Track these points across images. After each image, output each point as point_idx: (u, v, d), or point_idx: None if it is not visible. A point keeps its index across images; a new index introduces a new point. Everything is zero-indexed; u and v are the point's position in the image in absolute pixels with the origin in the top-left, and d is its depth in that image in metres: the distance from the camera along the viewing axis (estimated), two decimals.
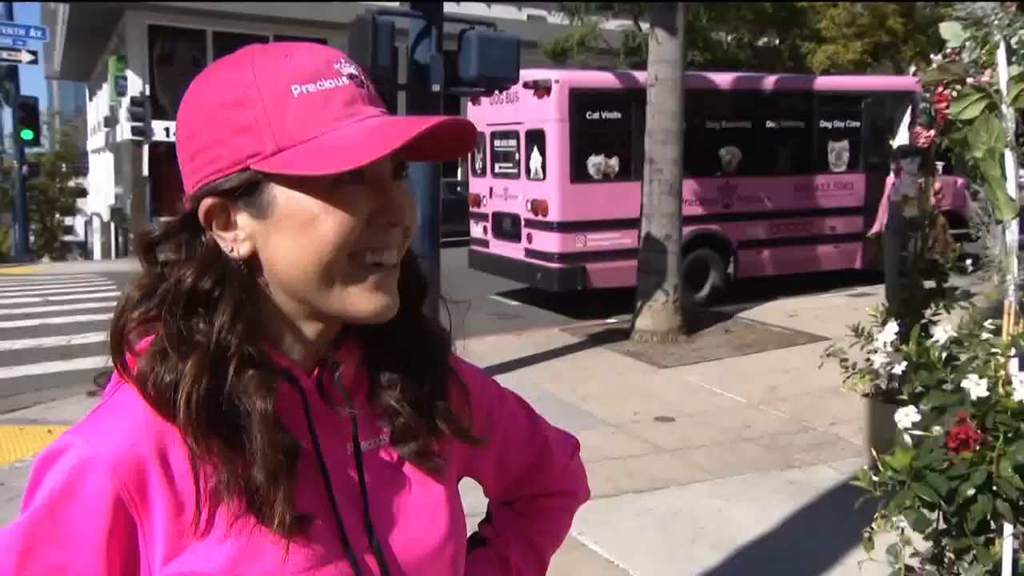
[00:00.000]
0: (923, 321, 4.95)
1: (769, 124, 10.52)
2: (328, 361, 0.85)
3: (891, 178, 8.04)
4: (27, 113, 20.94)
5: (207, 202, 0.78)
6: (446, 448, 0.92)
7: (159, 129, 20.52)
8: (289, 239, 0.77)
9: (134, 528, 0.75)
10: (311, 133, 0.76)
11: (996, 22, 2.69)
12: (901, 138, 10.43)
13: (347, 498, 0.83)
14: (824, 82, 11.42)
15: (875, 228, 8.52)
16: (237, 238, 0.79)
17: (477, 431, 0.95)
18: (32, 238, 26.16)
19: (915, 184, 5.21)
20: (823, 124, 10.72)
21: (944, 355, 2.91)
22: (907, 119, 10.59)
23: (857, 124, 10.89)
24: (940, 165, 10.31)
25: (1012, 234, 2.71)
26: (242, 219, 0.79)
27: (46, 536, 0.74)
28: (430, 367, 0.90)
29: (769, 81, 10.72)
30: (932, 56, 3.95)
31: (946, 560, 2.75)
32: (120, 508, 0.74)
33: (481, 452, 0.99)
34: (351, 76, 0.79)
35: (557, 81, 9.20)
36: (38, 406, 6.31)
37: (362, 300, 0.80)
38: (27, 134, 20.88)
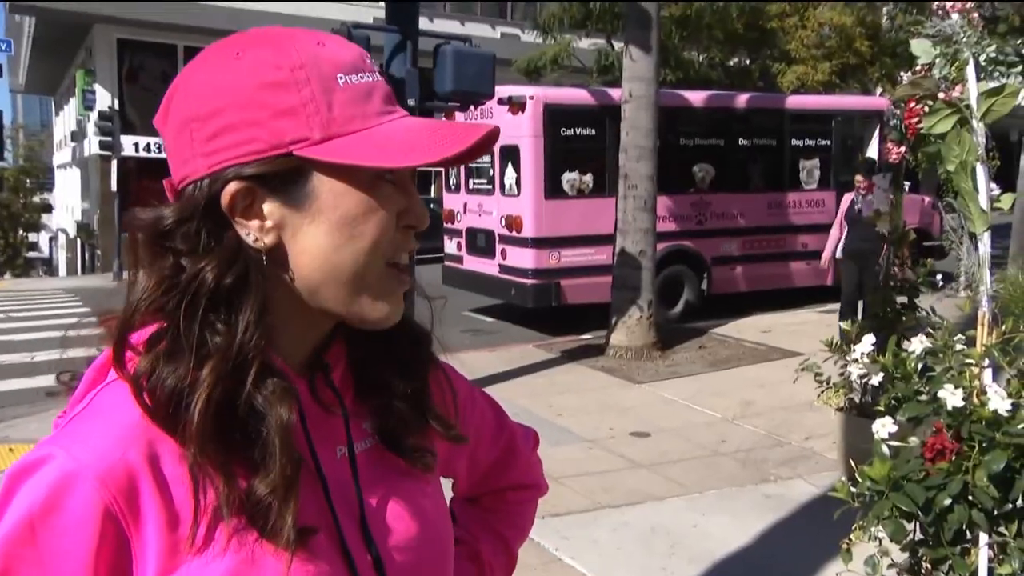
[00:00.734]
0: (895, 336, 5.00)
1: (742, 142, 10.64)
2: (319, 363, 0.82)
3: (847, 196, 8.08)
4: None
5: (233, 186, 0.72)
6: (433, 446, 0.90)
7: (128, 144, 20.29)
8: (325, 234, 0.74)
9: (124, 544, 0.69)
10: (358, 125, 0.73)
11: (965, 40, 2.74)
12: (870, 156, 10.61)
13: (343, 504, 0.80)
14: (795, 101, 11.58)
15: (827, 254, 8.46)
16: (263, 227, 0.73)
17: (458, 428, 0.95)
18: None
19: (887, 199, 5.28)
20: (794, 142, 10.86)
21: (920, 366, 2.94)
22: (876, 137, 10.78)
23: (827, 143, 11.05)
24: (907, 185, 10.52)
25: (984, 246, 2.75)
26: (270, 207, 0.73)
27: (26, 558, 0.67)
28: (416, 364, 0.88)
29: (741, 99, 10.85)
30: (902, 74, 4.02)
31: (923, 570, 2.76)
32: (110, 522, 0.68)
33: (457, 450, 0.98)
34: (381, 72, 0.79)
35: (532, 97, 9.24)
36: (0, 423, 6.17)
37: (378, 307, 0.78)
38: None
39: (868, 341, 2.88)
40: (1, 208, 36.25)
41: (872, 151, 10.50)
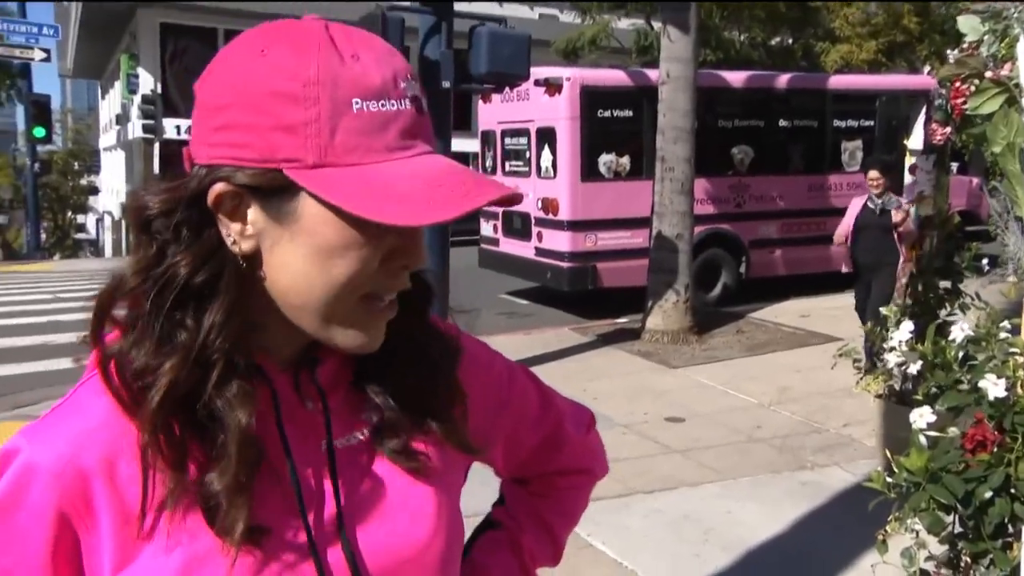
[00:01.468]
0: (938, 321, 4.89)
1: (782, 123, 10.45)
2: (306, 357, 0.79)
3: (856, 201, 6.85)
4: (39, 111, 21.01)
5: (221, 187, 0.70)
6: (437, 447, 0.85)
7: (170, 127, 20.57)
8: (301, 257, 0.71)
9: (76, 539, 0.72)
10: (356, 159, 0.69)
11: (1016, 15, 2.64)
12: (916, 137, 10.34)
13: (319, 500, 0.78)
14: (838, 81, 11.34)
15: (848, 268, 7.03)
16: (244, 232, 0.71)
17: (483, 418, 0.90)
18: (44, 236, 26.33)
19: (931, 181, 5.14)
20: (836, 123, 10.64)
21: (961, 355, 2.86)
22: (922, 118, 10.50)
23: (871, 123, 10.81)
24: (954, 166, 10.23)
25: None
26: (254, 215, 0.71)
27: None
28: (421, 364, 0.84)
29: (782, 80, 10.65)
30: (948, 53, 3.90)
31: (962, 564, 2.69)
32: (63, 520, 0.71)
33: (492, 435, 0.94)
34: (414, 99, 0.72)
35: (568, 79, 9.16)
36: (47, 402, 6.31)
37: (349, 335, 0.75)
38: (39, 132, 20.94)
39: (906, 328, 2.80)
40: (50, 190, 37.03)
41: (917, 132, 10.24)
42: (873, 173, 6.63)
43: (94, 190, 40.88)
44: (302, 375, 0.79)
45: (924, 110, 10.61)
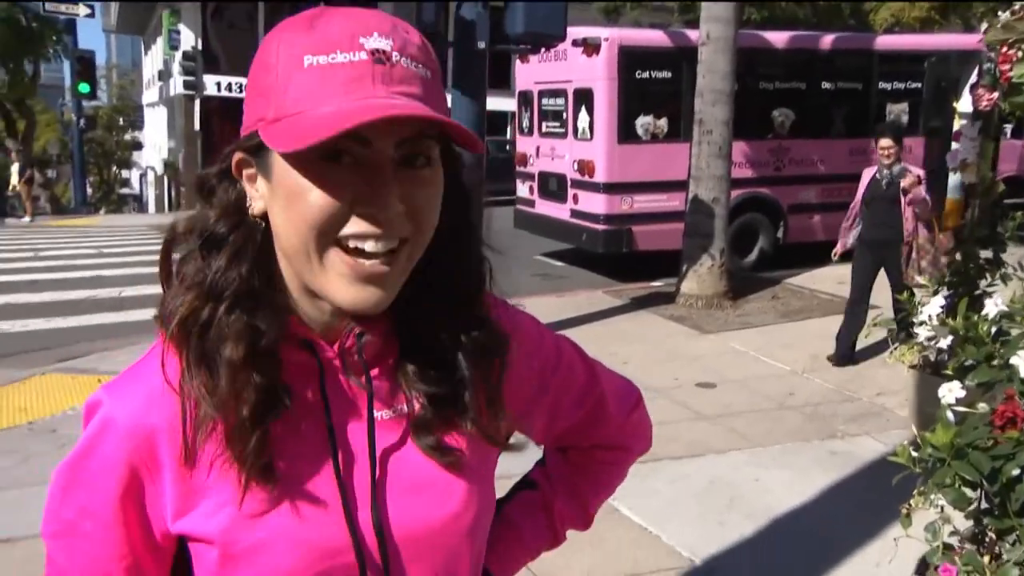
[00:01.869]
0: (977, 292, 4.80)
1: (825, 85, 10.21)
2: (354, 329, 0.83)
3: (868, 172, 6.32)
4: (84, 67, 21.26)
5: (237, 155, 0.81)
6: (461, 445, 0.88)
7: (211, 83, 20.71)
8: (279, 207, 0.78)
9: (142, 488, 0.80)
10: (302, 106, 0.74)
11: None
12: (965, 101, 10.04)
13: (356, 466, 0.83)
14: (884, 41, 11.02)
15: (842, 244, 6.51)
16: (254, 195, 0.81)
17: (527, 395, 0.94)
18: (90, 191, 26.79)
19: (975, 148, 4.99)
20: (882, 85, 10.37)
21: (994, 330, 2.81)
22: (973, 80, 10.19)
23: (918, 85, 10.51)
24: (1007, 129, 9.91)
25: None
26: (260, 178, 0.80)
27: (78, 480, 0.81)
28: (466, 351, 0.86)
29: (826, 41, 10.38)
30: (999, 15, 3.78)
31: (987, 540, 2.68)
32: (131, 471, 0.80)
33: (535, 407, 0.97)
34: (373, 52, 0.74)
35: (606, 39, 9.02)
36: (91, 355, 6.49)
37: (339, 287, 0.77)
38: (84, 88, 21.21)
39: (936, 302, 2.76)
40: (95, 145, 37.57)
41: (967, 95, 9.95)
42: (885, 141, 6.03)
43: (138, 145, 41.42)
44: (348, 349, 0.83)
45: (975, 72, 10.30)
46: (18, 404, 5.34)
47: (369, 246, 0.76)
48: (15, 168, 19.81)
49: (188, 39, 22.43)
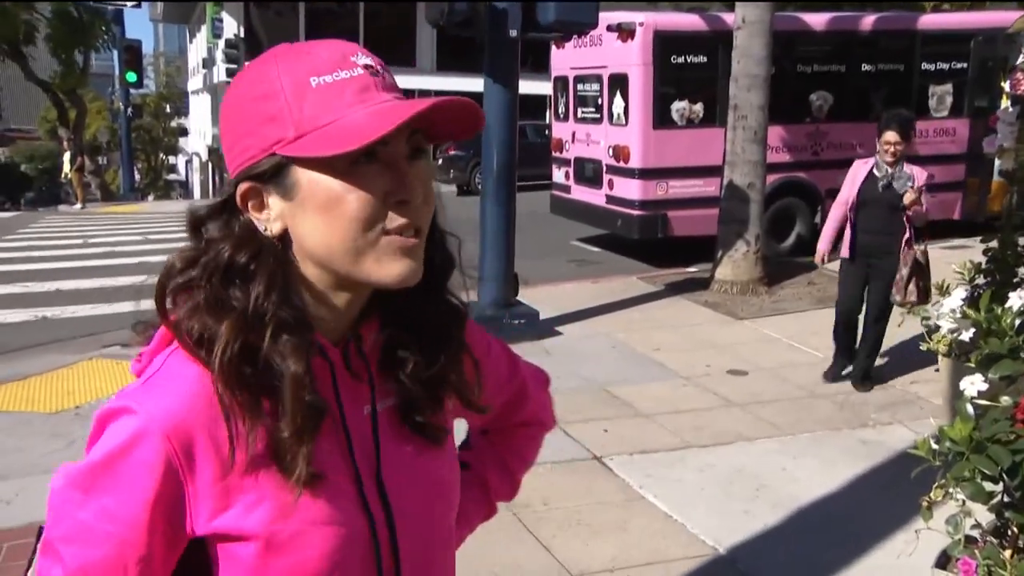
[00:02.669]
0: (1016, 279, 4.72)
1: (864, 67, 10.01)
2: (354, 335, 0.93)
3: (859, 165, 5.45)
4: (131, 56, 21.67)
5: (243, 186, 0.86)
6: (446, 422, 1.01)
7: None
8: (313, 217, 0.84)
9: (180, 489, 0.84)
10: (328, 119, 0.83)
11: None
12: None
13: (364, 457, 0.92)
14: (928, 20, 10.77)
15: (824, 245, 5.60)
16: (269, 218, 0.87)
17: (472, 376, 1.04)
18: (138, 177, 27.34)
19: (1013, 134, 4.88)
20: (925, 66, 10.14)
21: (1018, 322, 2.79)
22: (1019, 60, 9.91)
23: (963, 65, 10.26)
24: None
25: None
26: (273, 200, 0.86)
27: (102, 484, 0.84)
28: (445, 343, 0.98)
29: (867, 21, 10.17)
30: None
31: (1010, 534, 2.67)
32: (169, 471, 0.83)
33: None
34: (366, 67, 0.85)
35: (641, 24, 8.96)
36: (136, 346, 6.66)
37: (387, 267, 0.86)
38: (131, 77, 21.64)
39: (958, 295, 2.74)
40: (143, 132, 38.25)
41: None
42: (891, 135, 5.15)
43: (184, 132, 42.07)
44: (351, 348, 0.93)
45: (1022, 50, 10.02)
46: (65, 389, 5.54)
47: (405, 229, 0.86)
48: (67, 156, 20.33)
49: (231, 27, 22.73)
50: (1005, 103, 9.98)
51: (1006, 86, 10.22)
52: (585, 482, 4.19)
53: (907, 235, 5.19)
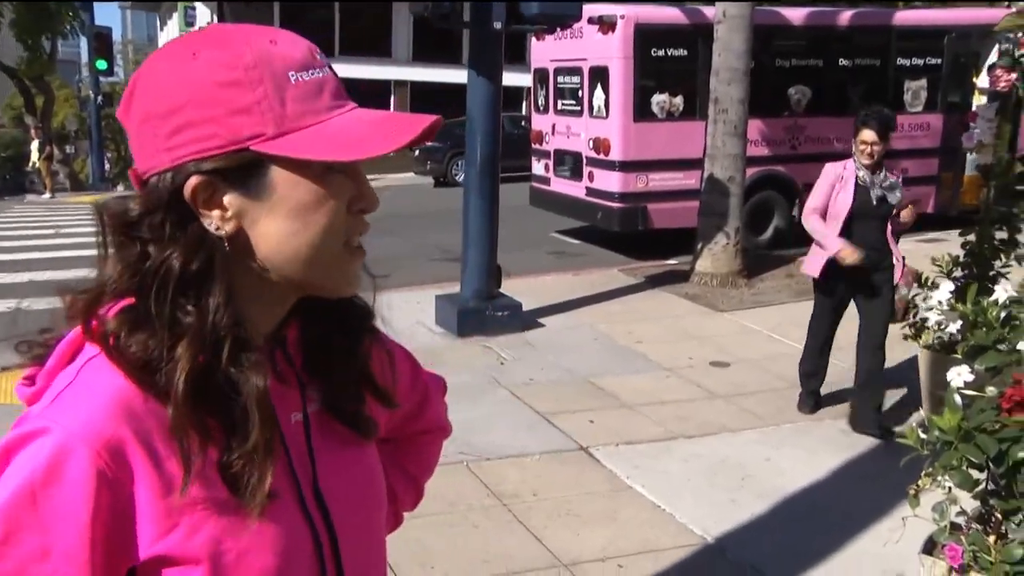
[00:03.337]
0: (992, 273, 4.82)
1: (842, 62, 10.13)
2: (279, 337, 0.89)
3: (833, 169, 4.73)
4: (101, 43, 21.32)
5: (195, 180, 0.77)
6: (374, 414, 0.98)
7: None
8: (282, 221, 0.79)
9: (118, 508, 0.74)
10: (310, 120, 0.78)
11: None
12: (986, 78, 9.93)
13: (301, 466, 0.88)
14: (903, 16, 10.91)
15: (819, 260, 4.83)
16: (224, 216, 0.79)
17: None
18: (108, 167, 26.94)
19: (992, 130, 4.97)
20: (900, 62, 10.28)
21: (1003, 314, 2.86)
22: (994, 55, 10.06)
23: (937, 61, 10.41)
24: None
25: None
26: (229, 198, 0.78)
27: (27, 523, 0.72)
28: (360, 336, 0.95)
29: (843, 17, 10.29)
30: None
31: (993, 520, 2.74)
32: (104, 487, 0.73)
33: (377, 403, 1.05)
34: (329, 66, 0.82)
35: (622, 17, 8.99)
36: None
37: (344, 277, 0.85)
38: (101, 64, 21.29)
39: (946, 288, 2.80)
40: (113, 121, 37.64)
41: (984, 73, 9.83)
42: (868, 134, 4.50)
43: None
44: (276, 352, 0.88)
45: (996, 47, 10.18)
46: None
47: (357, 240, 0.85)
48: (35, 145, 19.98)
49: (204, 15, 22.44)
50: (978, 99, 10.16)
51: (978, 82, 10.39)
52: (573, 473, 4.22)
53: (895, 252, 4.60)
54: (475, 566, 3.33)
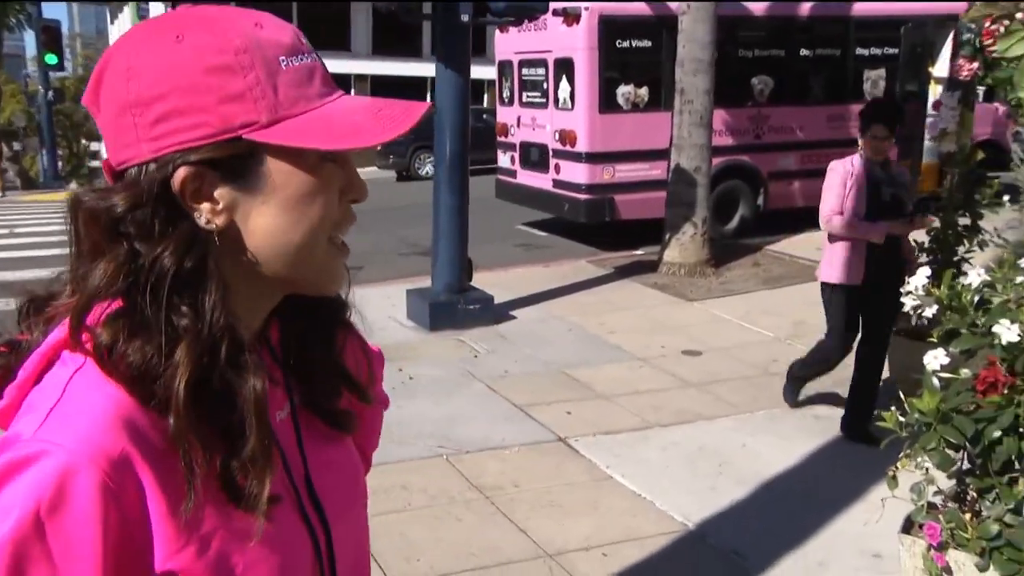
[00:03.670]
0: (956, 259, 4.92)
1: (803, 52, 10.27)
2: (263, 336, 0.86)
3: (847, 168, 4.47)
4: (49, 37, 20.85)
5: (183, 171, 0.72)
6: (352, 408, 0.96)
7: None
8: (277, 213, 0.76)
9: (129, 528, 0.70)
10: (303, 107, 0.75)
11: None
12: (941, 67, 10.14)
13: (295, 466, 0.85)
14: (861, 8, 11.07)
15: (886, 227, 4.37)
16: (214, 209, 0.74)
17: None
18: (60, 164, 26.36)
19: (955, 118, 5.06)
20: (859, 52, 10.45)
21: (976, 298, 2.92)
22: (948, 49, 10.26)
23: (895, 51, 10.60)
24: (980, 91, 10.02)
25: None
26: (220, 190, 0.74)
27: (35, 555, 0.66)
28: (336, 335, 0.93)
29: (803, 8, 10.43)
30: None
31: (969, 498, 2.81)
32: (114, 508, 0.68)
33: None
34: (315, 52, 0.80)
35: (587, 8, 9.01)
36: None
37: (335, 275, 0.83)
38: (51, 59, 20.83)
39: (923, 273, 2.86)
40: (63, 118, 36.84)
41: (943, 60, 10.03)
42: (879, 130, 4.26)
43: None
44: (263, 353, 0.83)
45: (952, 37, 10.40)
46: None
47: (344, 232, 0.83)
48: None
49: (157, 8, 22.01)
50: (933, 87, 10.35)
51: (933, 71, 10.59)
52: (553, 464, 4.24)
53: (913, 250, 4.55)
54: (461, 558, 3.33)
